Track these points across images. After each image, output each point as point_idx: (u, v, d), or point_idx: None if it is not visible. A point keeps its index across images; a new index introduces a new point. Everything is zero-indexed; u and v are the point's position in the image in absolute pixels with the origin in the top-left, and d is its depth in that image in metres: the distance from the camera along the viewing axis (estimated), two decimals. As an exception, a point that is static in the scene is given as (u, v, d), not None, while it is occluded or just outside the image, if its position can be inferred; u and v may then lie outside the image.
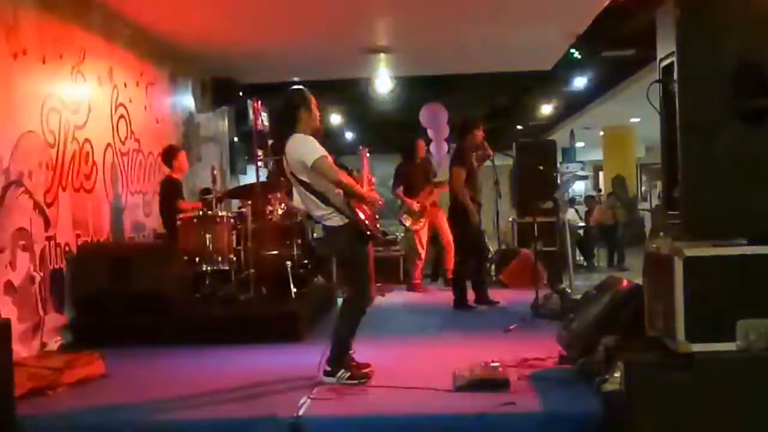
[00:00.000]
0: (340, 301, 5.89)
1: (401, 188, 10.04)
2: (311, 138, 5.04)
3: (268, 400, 4.64)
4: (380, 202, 5.32)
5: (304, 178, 4.99)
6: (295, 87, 5.24)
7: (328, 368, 4.97)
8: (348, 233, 5.00)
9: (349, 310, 5.17)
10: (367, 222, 5.05)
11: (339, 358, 5.00)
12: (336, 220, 5.00)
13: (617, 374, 3.72)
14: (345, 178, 5.02)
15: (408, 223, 10.03)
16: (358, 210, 5.03)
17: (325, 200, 4.98)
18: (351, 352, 5.15)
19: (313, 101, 5.15)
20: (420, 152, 10.24)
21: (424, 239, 10.02)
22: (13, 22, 6.12)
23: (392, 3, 8.26)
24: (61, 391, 4.96)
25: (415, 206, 9.92)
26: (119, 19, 8.12)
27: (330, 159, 5.00)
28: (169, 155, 8.42)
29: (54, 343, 6.47)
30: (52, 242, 6.61)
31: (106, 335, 6.50)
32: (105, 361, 5.52)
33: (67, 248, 6.85)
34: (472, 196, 8.20)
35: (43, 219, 6.48)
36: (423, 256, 10.10)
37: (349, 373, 4.94)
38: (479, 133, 8.38)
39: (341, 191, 5.00)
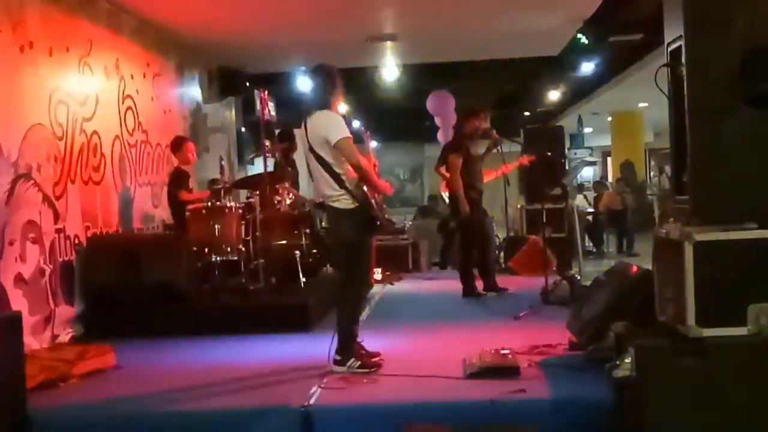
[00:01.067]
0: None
1: None
2: (339, 117, 5.03)
3: (278, 389, 4.65)
4: (390, 192, 5.31)
5: (323, 155, 4.96)
6: (323, 64, 5.23)
7: (338, 357, 4.98)
8: (356, 218, 4.98)
9: (347, 296, 5.17)
10: (377, 209, 5.03)
11: (347, 347, 5.00)
12: (345, 203, 4.98)
13: (628, 360, 3.71)
14: (364, 163, 5.00)
15: None
16: (370, 197, 5.02)
17: (339, 181, 4.95)
18: (360, 340, 5.15)
19: (339, 77, 5.16)
20: None
21: None
22: (20, 16, 6.13)
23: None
24: (73, 383, 4.98)
25: None
26: (125, 10, 8.12)
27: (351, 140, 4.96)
28: (176, 146, 8.43)
29: (65, 335, 6.50)
30: (62, 235, 6.63)
31: (116, 327, 6.53)
32: (116, 352, 5.55)
33: (76, 240, 6.87)
34: (469, 183, 8.16)
35: (53, 211, 6.49)
36: None
37: (359, 362, 4.94)
38: (478, 122, 8.33)
39: (356, 175, 4.98)
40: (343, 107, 5.41)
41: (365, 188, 5.00)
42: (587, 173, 26.49)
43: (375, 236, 5.24)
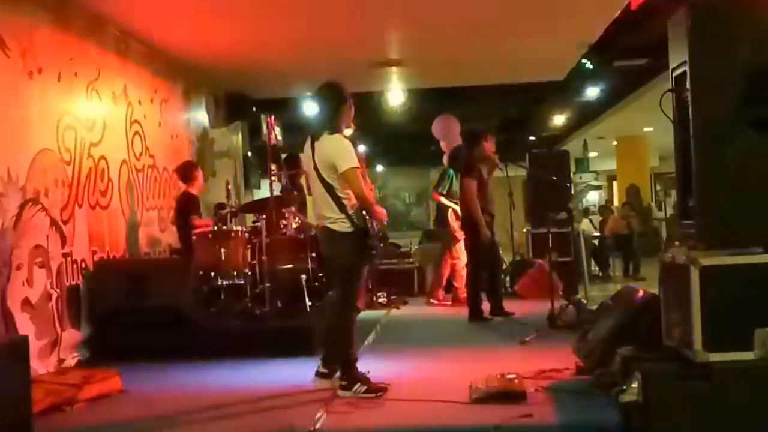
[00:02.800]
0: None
1: None
2: (349, 143, 5.04)
3: (284, 413, 4.65)
4: (385, 221, 5.34)
5: (327, 179, 4.99)
6: (333, 82, 5.22)
7: (344, 382, 4.98)
8: (353, 241, 5.00)
9: (340, 318, 5.18)
10: (373, 236, 5.05)
11: (350, 371, 5.02)
12: (343, 226, 5.00)
13: (635, 385, 3.70)
14: (368, 193, 5.03)
15: None
16: (369, 224, 5.04)
17: (341, 205, 4.98)
18: (366, 372, 5.14)
19: (350, 97, 5.16)
20: None
21: None
22: (29, 41, 6.18)
23: (404, 16, 8.28)
24: (79, 407, 4.97)
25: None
26: (132, 36, 8.19)
27: (359, 171, 4.99)
28: (186, 171, 8.47)
29: (71, 359, 6.50)
30: (69, 259, 6.65)
31: (122, 351, 6.52)
32: (122, 376, 5.54)
33: (83, 265, 6.89)
34: (483, 207, 8.19)
35: (60, 236, 6.52)
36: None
37: (365, 387, 4.94)
38: (487, 144, 8.39)
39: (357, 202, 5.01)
40: (348, 131, 5.41)
41: (365, 214, 5.03)
42: (593, 197, 26.49)
43: (368, 262, 5.22)
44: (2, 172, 5.74)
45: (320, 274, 7.99)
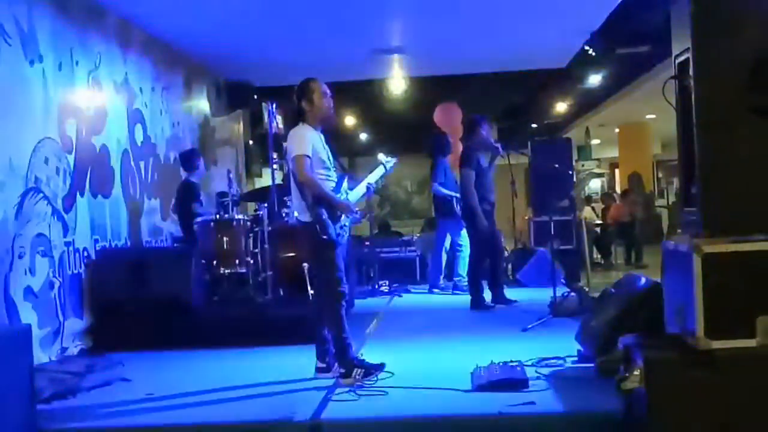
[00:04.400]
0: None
1: None
2: (306, 133, 5.11)
3: (286, 401, 4.65)
4: (355, 213, 5.32)
5: (292, 167, 5.12)
6: (303, 80, 5.33)
7: (342, 370, 5.02)
8: (311, 232, 5.04)
9: (325, 307, 5.21)
10: (327, 226, 5.02)
11: (345, 358, 5.05)
12: (306, 217, 5.08)
13: (637, 372, 3.70)
14: (311, 180, 5.00)
15: None
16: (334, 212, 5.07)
17: (302, 192, 5.07)
18: (359, 355, 5.19)
19: (318, 91, 5.22)
20: None
21: None
22: (29, 30, 6.17)
23: (405, 4, 8.26)
24: (82, 396, 4.99)
25: None
26: (133, 25, 8.17)
27: (308, 161, 5.00)
28: (188, 159, 8.47)
29: (74, 348, 6.52)
30: (71, 248, 6.66)
31: (125, 339, 6.54)
32: (124, 365, 5.56)
33: (85, 253, 6.90)
34: (482, 195, 8.19)
35: (62, 224, 6.52)
36: None
37: (362, 370, 4.97)
38: (485, 132, 8.38)
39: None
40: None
41: (321, 206, 5.03)
42: (595, 185, 26.47)
43: (337, 250, 5.15)
44: (4, 160, 5.74)
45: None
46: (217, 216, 7.77)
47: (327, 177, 5.16)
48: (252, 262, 7.63)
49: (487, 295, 8.41)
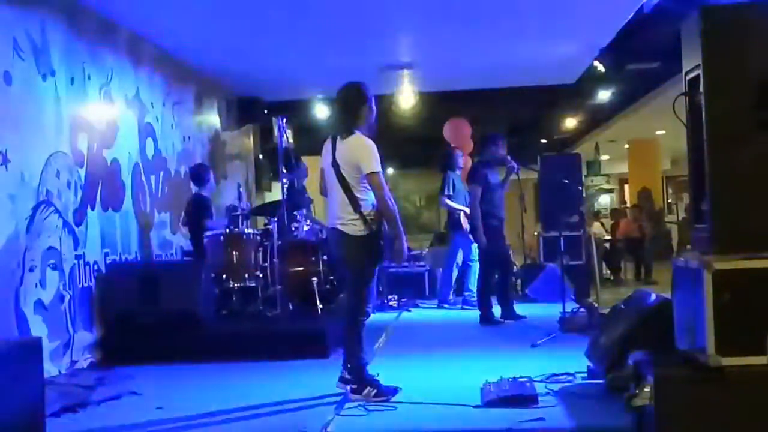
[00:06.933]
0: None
1: None
2: (374, 146, 4.96)
3: (295, 416, 4.65)
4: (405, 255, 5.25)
5: (348, 178, 4.95)
6: (355, 82, 5.16)
7: (354, 386, 4.98)
8: (366, 245, 4.97)
9: (348, 321, 5.15)
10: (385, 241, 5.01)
11: (360, 375, 5.01)
12: (357, 229, 4.95)
13: (647, 389, 3.69)
14: (391, 200, 4.94)
15: None
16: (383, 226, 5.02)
17: (356, 205, 4.93)
18: (375, 375, 5.15)
19: (372, 97, 5.11)
20: None
21: None
22: (42, 44, 6.22)
23: (415, 19, 8.29)
24: (92, 409, 4.99)
25: None
26: (145, 40, 8.22)
27: (383, 177, 4.94)
28: (199, 173, 8.51)
29: (84, 361, 6.53)
30: (81, 261, 6.68)
31: (134, 353, 6.56)
32: (134, 378, 5.57)
33: (95, 267, 6.92)
34: (489, 211, 8.20)
35: (73, 238, 6.55)
36: None
37: (375, 390, 4.93)
38: (495, 149, 8.41)
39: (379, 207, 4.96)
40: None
41: (379, 219, 4.98)
42: (604, 201, 26.43)
43: (378, 266, 5.18)
44: (15, 174, 5.77)
45: (331, 277, 8.00)
46: (227, 230, 7.79)
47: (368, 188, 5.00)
48: (261, 276, 7.64)
49: (497, 311, 8.40)
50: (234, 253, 7.55)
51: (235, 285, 7.54)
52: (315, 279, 7.69)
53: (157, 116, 8.54)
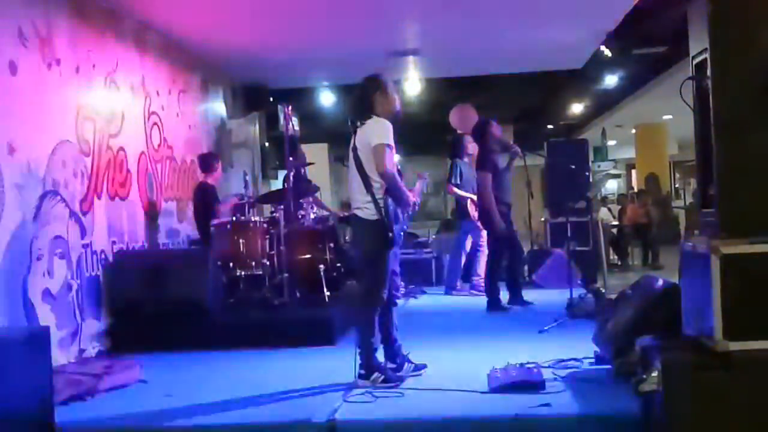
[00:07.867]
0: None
1: None
2: (389, 125, 5.06)
3: (303, 403, 4.67)
4: (412, 204, 5.31)
5: (361, 158, 5.01)
6: (371, 74, 5.27)
7: (362, 372, 4.99)
8: (377, 230, 4.97)
9: (361, 308, 5.18)
10: (394, 223, 4.99)
11: (369, 361, 5.02)
12: (369, 213, 4.98)
13: (654, 374, 3.68)
14: (391, 171, 4.97)
15: None
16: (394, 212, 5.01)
17: (368, 185, 4.97)
18: (406, 353, 5.22)
19: (389, 86, 5.22)
20: None
21: None
22: (47, 34, 6.21)
23: (421, 5, 8.26)
24: (100, 397, 5.02)
25: None
26: (150, 28, 8.21)
27: (390, 152, 4.98)
28: (207, 161, 8.52)
29: (92, 350, 6.56)
30: (89, 250, 6.70)
31: (142, 341, 6.57)
32: (142, 366, 5.58)
33: (103, 255, 6.93)
34: (498, 197, 8.18)
35: (79, 227, 6.56)
36: None
37: (383, 376, 4.94)
38: (496, 132, 8.39)
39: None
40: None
41: (389, 201, 4.99)
42: (611, 186, 26.38)
43: (393, 251, 5.19)
44: (22, 163, 5.78)
45: (338, 264, 8.00)
46: (234, 218, 7.80)
47: None
48: (268, 263, 7.64)
49: (504, 297, 8.40)
50: (241, 241, 7.54)
51: (242, 273, 7.54)
52: (322, 266, 7.68)
53: (162, 104, 8.54)
